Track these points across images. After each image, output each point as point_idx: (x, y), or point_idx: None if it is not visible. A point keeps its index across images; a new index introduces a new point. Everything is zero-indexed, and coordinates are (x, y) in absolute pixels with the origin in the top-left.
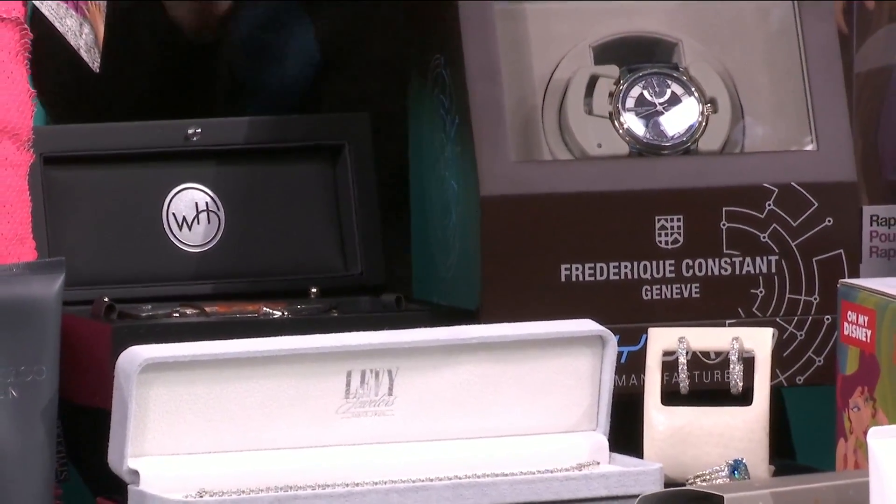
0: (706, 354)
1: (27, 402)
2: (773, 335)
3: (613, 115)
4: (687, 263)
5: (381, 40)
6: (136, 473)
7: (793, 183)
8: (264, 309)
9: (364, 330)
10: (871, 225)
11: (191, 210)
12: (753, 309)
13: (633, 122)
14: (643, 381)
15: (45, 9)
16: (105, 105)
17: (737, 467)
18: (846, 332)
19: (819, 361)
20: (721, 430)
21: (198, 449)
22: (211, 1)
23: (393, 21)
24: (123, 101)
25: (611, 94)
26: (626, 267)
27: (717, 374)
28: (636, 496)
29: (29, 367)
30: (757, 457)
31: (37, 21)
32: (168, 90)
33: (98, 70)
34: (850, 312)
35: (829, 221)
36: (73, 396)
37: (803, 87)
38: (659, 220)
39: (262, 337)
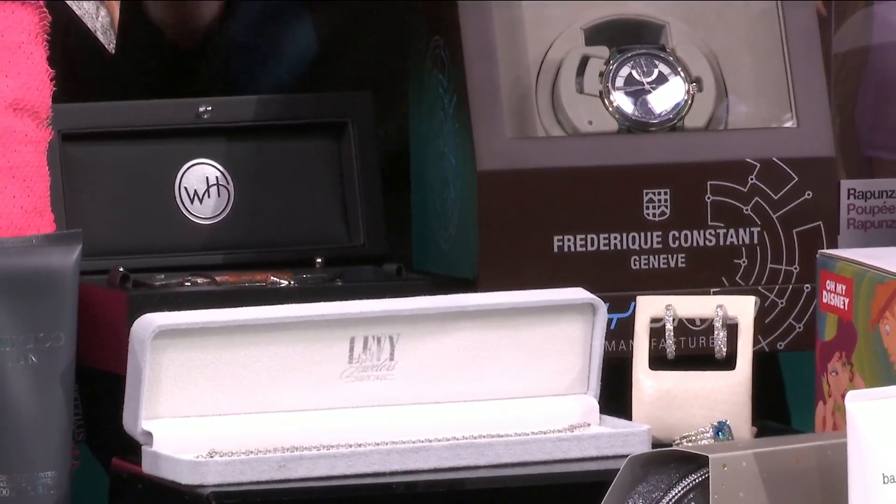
0: (692, 321)
1: (46, 367)
2: (756, 303)
3: (603, 94)
4: (673, 235)
5: (380, 26)
6: (149, 435)
7: (774, 158)
8: (272, 278)
9: (366, 298)
10: (849, 198)
11: (202, 184)
12: (737, 278)
13: (623, 101)
14: (632, 346)
15: None
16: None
17: (721, 429)
18: (825, 300)
19: (799, 328)
20: (706, 394)
21: (208, 411)
22: (194, 0)
23: (392, 7)
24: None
25: (601, 74)
26: (615, 238)
27: (703, 339)
28: (625, 456)
29: (48, 333)
30: (740, 418)
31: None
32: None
33: (114, 51)
34: (828, 281)
35: (809, 195)
36: (90, 362)
37: (784, 66)
38: (647, 194)
39: (270, 305)
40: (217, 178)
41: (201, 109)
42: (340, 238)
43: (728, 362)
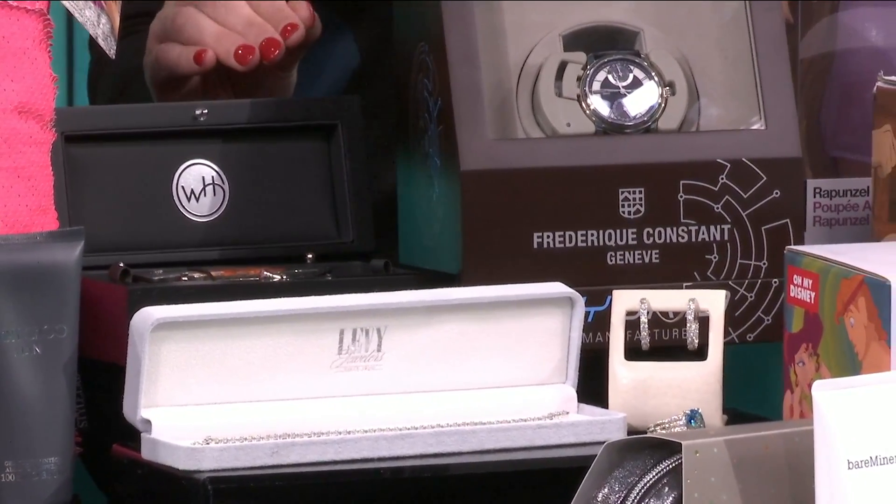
0: (665, 314)
1: (49, 358)
2: (726, 297)
3: (581, 98)
4: (648, 232)
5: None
6: (148, 423)
7: (744, 159)
8: (265, 273)
9: (355, 292)
10: (815, 197)
11: (198, 183)
12: (708, 273)
13: (599, 104)
14: (608, 338)
15: (67, 2)
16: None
17: (693, 416)
18: (792, 294)
19: (767, 321)
20: (679, 383)
21: (204, 400)
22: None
23: None
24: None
25: (579, 79)
26: (592, 235)
27: (676, 331)
28: (602, 443)
29: (51, 326)
30: (711, 407)
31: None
32: None
33: (114, 57)
34: (795, 276)
35: (777, 193)
36: (92, 353)
37: (753, 71)
38: (622, 193)
39: (263, 298)
40: (213, 177)
41: (198, 112)
42: (330, 235)
43: (700, 353)
